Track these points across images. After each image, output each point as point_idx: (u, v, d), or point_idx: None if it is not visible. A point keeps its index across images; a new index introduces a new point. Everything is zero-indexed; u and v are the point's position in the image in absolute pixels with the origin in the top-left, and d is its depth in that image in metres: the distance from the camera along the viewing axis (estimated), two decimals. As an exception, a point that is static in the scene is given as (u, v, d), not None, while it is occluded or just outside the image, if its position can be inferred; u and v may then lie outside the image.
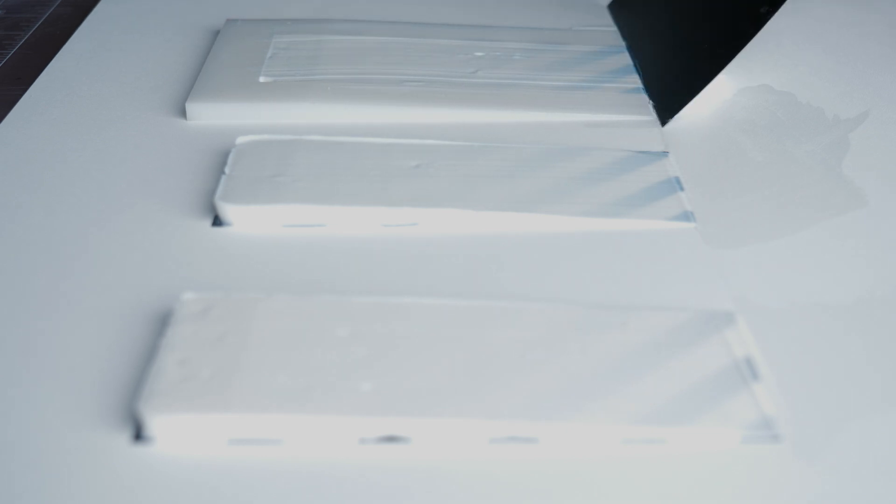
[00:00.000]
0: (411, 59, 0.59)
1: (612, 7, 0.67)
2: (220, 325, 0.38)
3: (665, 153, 0.51)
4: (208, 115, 0.54)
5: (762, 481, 0.34)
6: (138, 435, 0.35)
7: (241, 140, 0.50)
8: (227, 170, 0.48)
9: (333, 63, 0.58)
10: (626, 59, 0.60)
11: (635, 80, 0.58)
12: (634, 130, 0.53)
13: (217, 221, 0.46)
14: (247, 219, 0.46)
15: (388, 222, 0.46)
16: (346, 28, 0.63)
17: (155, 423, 0.34)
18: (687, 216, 0.46)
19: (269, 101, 0.55)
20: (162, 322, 0.40)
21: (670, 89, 0.55)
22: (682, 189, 0.48)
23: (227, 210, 0.45)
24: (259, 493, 0.33)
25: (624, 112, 0.55)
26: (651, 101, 0.55)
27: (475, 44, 0.61)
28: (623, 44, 0.62)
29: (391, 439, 0.35)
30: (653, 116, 0.55)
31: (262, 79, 0.56)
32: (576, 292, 0.42)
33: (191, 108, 0.54)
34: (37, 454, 0.34)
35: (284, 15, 0.66)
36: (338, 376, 0.36)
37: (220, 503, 0.33)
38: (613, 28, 0.65)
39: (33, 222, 0.46)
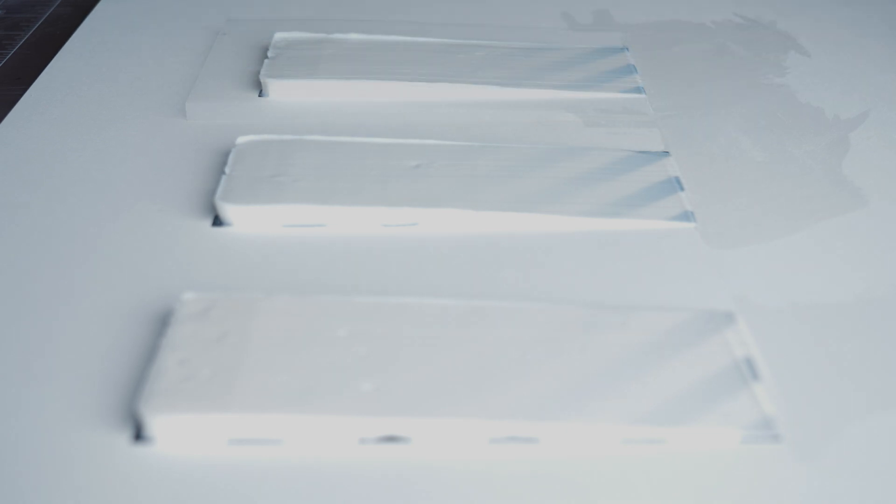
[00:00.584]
0: (412, 57, 0.59)
1: None
2: (220, 325, 0.38)
3: (665, 153, 0.51)
4: (208, 115, 0.54)
5: (762, 481, 0.34)
6: (138, 435, 0.35)
7: (241, 140, 0.50)
8: (227, 170, 0.48)
9: (333, 62, 0.58)
10: (626, 58, 0.60)
11: (635, 80, 0.58)
12: (634, 130, 0.53)
13: (217, 221, 0.46)
14: (247, 219, 0.46)
15: (388, 222, 0.46)
16: (346, 28, 0.63)
17: (155, 423, 0.34)
18: (687, 216, 0.46)
19: (269, 99, 0.55)
20: (162, 322, 0.40)
21: None
22: (682, 189, 0.48)
23: (227, 210, 0.45)
24: (259, 493, 0.33)
25: (624, 112, 0.55)
26: None
27: (475, 43, 0.61)
28: (623, 44, 0.62)
29: (391, 439, 0.35)
30: (653, 116, 0.55)
31: (262, 78, 0.56)
32: (576, 292, 0.42)
33: (191, 107, 0.54)
34: (37, 454, 0.34)
35: (284, 15, 0.66)
36: (338, 376, 0.36)
37: (220, 503, 0.33)
38: (613, 28, 0.65)
39: (34, 222, 0.46)
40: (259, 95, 0.56)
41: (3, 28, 0.67)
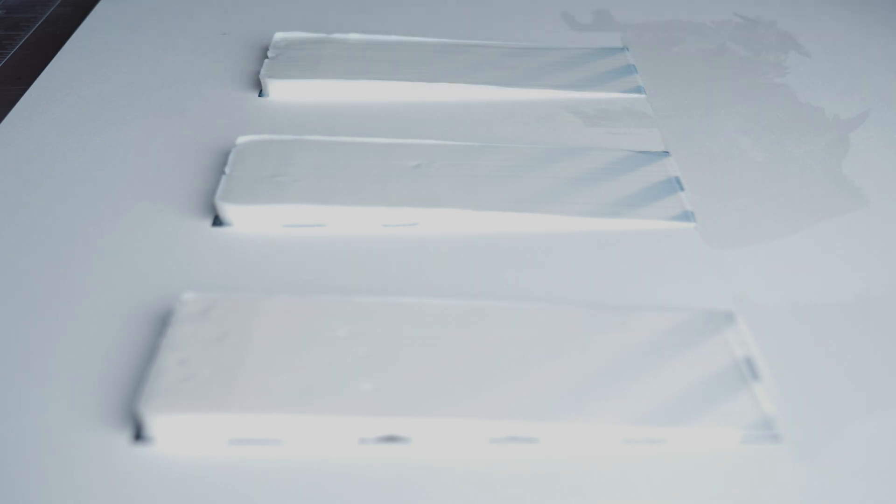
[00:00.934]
0: (412, 57, 0.59)
1: None
2: (220, 325, 0.38)
3: (665, 153, 0.51)
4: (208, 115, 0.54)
5: (762, 481, 0.34)
6: (138, 435, 0.35)
7: (241, 140, 0.50)
8: (227, 170, 0.48)
9: (333, 62, 0.58)
10: (626, 58, 0.60)
11: (635, 80, 0.58)
12: (634, 130, 0.53)
13: (217, 221, 0.46)
14: (247, 219, 0.46)
15: (388, 222, 0.46)
16: (346, 28, 0.63)
17: (155, 423, 0.34)
18: (687, 216, 0.46)
19: (269, 99, 0.55)
20: (162, 322, 0.40)
21: None
22: (682, 189, 0.48)
23: (227, 210, 0.45)
24: (259, 493, 0.33)
25: (624, 112, 0.55)
26: None
27: (475, 43, 0.61)
28: (623, 44, 0.62)
29: (391, 439, 0.35)
30: (653, 116, 0.55)
31: (262, 78, 0.56)
32: (576, 292, 0.42)
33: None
34: (37, 454, 0.34)
35: (284, 15, 0.66)
36: (338, 376, 0.36)
37: (219, 503, 0.33)
38: (613, 28, 0.65)
39: (34, 222, 0.46)
40: (259, 95, 0.56)
41: (3, 28, 0.67)
